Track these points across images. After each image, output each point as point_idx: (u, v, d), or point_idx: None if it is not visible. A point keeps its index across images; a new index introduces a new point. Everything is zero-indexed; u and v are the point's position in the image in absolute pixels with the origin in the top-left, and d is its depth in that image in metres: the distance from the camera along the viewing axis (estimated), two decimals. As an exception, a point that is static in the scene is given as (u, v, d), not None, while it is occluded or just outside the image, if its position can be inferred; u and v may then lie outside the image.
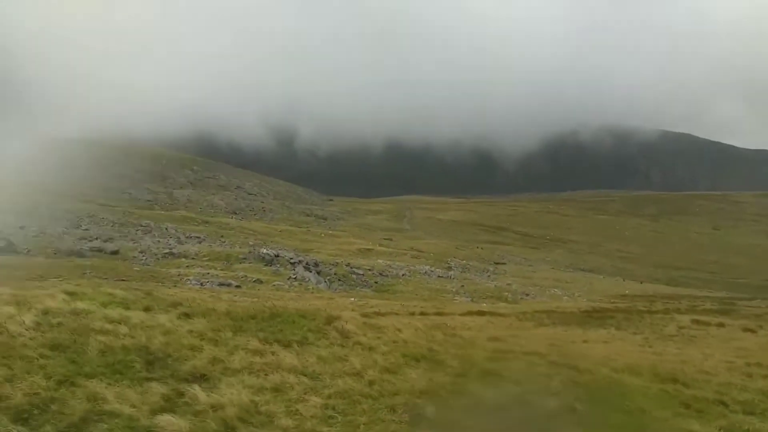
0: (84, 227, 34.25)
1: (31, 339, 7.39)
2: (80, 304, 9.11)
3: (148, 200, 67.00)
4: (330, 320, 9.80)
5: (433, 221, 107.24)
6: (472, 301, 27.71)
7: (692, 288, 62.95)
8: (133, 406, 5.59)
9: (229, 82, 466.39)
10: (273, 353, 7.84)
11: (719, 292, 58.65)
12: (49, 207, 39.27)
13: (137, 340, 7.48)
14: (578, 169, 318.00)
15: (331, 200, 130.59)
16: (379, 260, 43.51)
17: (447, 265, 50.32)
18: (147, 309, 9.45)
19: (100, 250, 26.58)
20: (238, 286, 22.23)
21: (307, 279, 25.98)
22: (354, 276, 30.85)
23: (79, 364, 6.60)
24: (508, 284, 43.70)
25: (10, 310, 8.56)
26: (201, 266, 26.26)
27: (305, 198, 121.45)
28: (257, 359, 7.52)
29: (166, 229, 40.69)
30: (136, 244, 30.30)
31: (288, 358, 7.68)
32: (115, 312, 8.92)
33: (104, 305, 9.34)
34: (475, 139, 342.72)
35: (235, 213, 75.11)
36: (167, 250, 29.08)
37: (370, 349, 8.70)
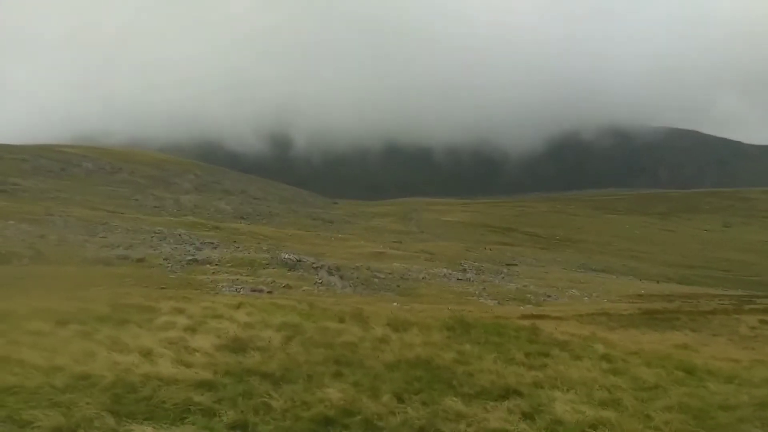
0: (101, 235, 33.79)
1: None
2: (280, 318, 9.70)
3: (155, 206, 66.43)
4: (535, 329, 10.54)
5: (440, 223, 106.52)
6: (498, 303, 27.10)
7: (706, 286, 62.20)
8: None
9: (221, 85, 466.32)
10: (546, 366, 8.24)
11: (735, 290, 57.91)
12: (60, 215, 38.74)
13: (412, 353, 7.83)
14: (583, 168, 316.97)
15: (336, 203, 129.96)
16: (394, 263, 42.94)
17: (461, 267, 49.72)
18: (341, 320, 10.00)
19: (125, 258, 26.20)
20: (269, 292, 21.77)
21: (332, 283, 25.48)
22: (376, 280, 30.33)
23: (377, 378, 6.97)
24: (525, 286, 43.07)
25: (232, 326, 9.19)
26: (227, 272, 25.84)
27: (310, 201, 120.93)
28: (537, 373, 7.79)
29: (180, 235, 40.16)
30: (157, 251, 29.87)
31: (572, 369, 8.04)
32: (331, 324, 9.52)
33: (306, 317, 9.93)
34: (476, 140, 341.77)
35: (243, 218, 74.51)
36: (190, 257, 28.65)
37: (623, 360, 9.04)
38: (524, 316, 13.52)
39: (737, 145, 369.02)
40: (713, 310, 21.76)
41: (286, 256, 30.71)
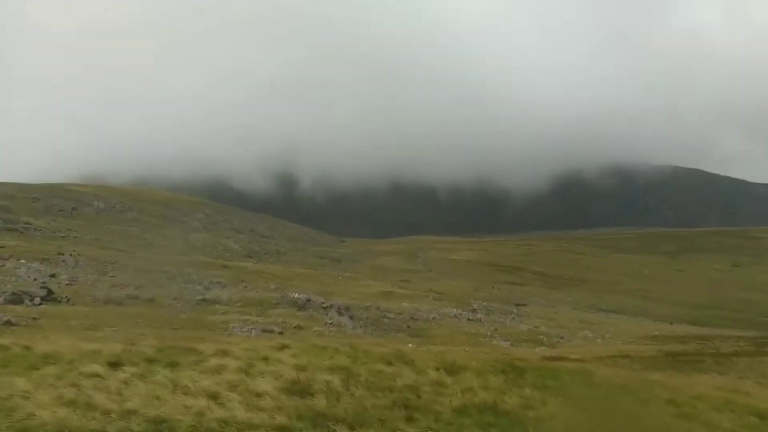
0: (111, 274, 33.85)
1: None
2: (328, 360, 9.95)
3: (164, 245, 66.53)
4: (589, 373, 10.72)
5: (447, 261, 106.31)
6: (511, 345, 26.84)
7: (719, 327, 61.52)
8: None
9: (227, 124, 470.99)
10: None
11: (748, 331, 57.25)
12: (71, 254, 38.88)
13: (477, 398, 7.93)
14: (587, 207, 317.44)
15: (343, 241, 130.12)
16: (403, 303, 42.71)
17: (471, 307, 49.42)
18: (389, 363, 10.16)
19: (136, 298, 26.19)
20: (280, 333, 21.66)
21: (343, 324, 25.34)
22: (386, 320, 30.15)
23: (451, 424, 7.10)
24: (536, 327, 42.70)
25: (285, 368, 9.38)
26: (237, 312, 25.77)
27: (317, 240, 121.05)
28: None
29: (189, 274, 40.17)
30: (166, 291, 29.84)
31: (643, 415, 8.39)
32: (382, 367, 9.71)
33: (353, 360, 10.19)
34: (479, 179, 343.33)
35: (250, 256, 74.56)
36: (200, 297, 28.60)
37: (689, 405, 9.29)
38: (545, 359, 13.38)
39: (741, 183, 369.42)
40: (735, 352, 21.48)
41: (296, 295, 30.64)
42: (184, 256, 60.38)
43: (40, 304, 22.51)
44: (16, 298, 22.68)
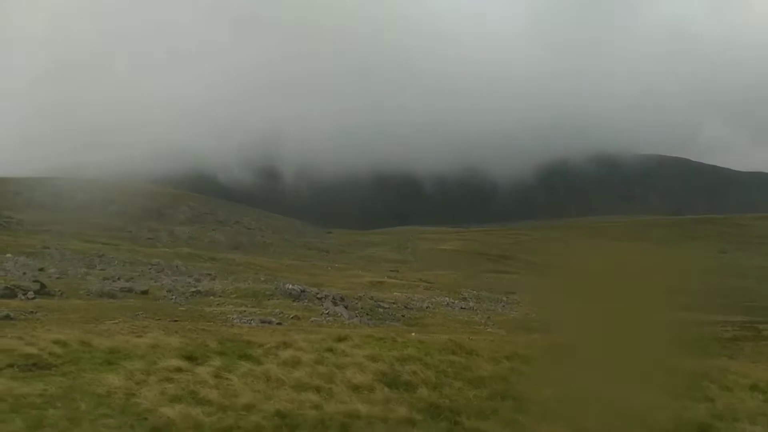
0: (99, 267, 33.24)
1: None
2: (396, 351, 10.05)
3: (150, 238, 65.76)
4: None
5: (436, 252, 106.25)
6: (507, 332, 26.58)
7: (708, 313, 61.88)
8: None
9: (208, 117, 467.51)
10: (708, 398, 8.76)
11: (737, 316, 57.64)
12: (57, 248, 38.10)
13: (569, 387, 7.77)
14: (573, 196, 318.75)
15: (330, 233, 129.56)
16: (395, 293, 42.43)
17: (462, 296, 49.28)
18: (454, 353, 10.31)
19: (129, 291, 25.58)
20: (279, 323, 21.22)
21: (339, 314, 24.94)
22: (380, 309, 29.81)
23: None
24: (526, 314, 42.60)
25: (358, 359, 9.61)
26: (232, 304, 25.29)
27: (303, 231, 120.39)
28: (707, 405, 8.11)
29: (177, 267, 39.62)
30: (158, 284, 29.31)
31: (734, 401, 8.65)
32: (452, 358, 9.87)
33: (419, 350, 10.24)
34: (465, 169, 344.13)
35: (237, 248, 73.90)
36: (193, 289, 28.07)
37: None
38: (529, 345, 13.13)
39: (725, 171, 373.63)
40: (735, 337, 21.47)
41: (290, 286, 30.21)
42: (170, 248, 59.64)
43: (33, 298, 21.94)
44: (9, 293, 22.11)
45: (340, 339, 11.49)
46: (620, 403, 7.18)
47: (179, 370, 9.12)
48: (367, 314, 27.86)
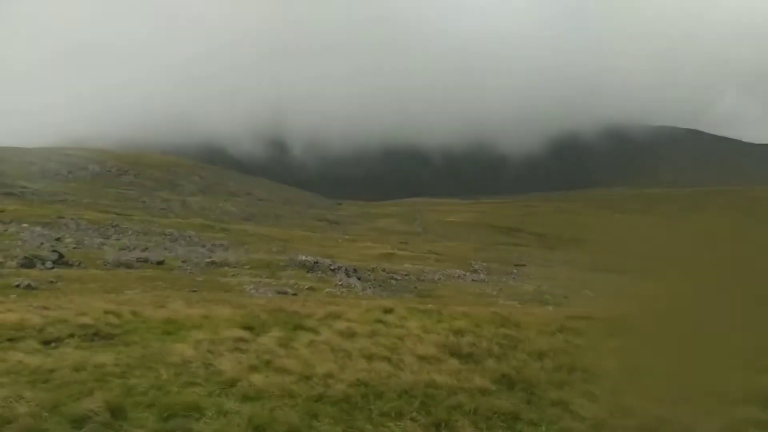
0: (115, 237, 33.60)
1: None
2: (446, 323, 10.16)
3: (162, 208, 66.15)
4: None
5: (445, 223, 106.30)
6: (520, 304, 26.77)
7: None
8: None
9: (218, 89, 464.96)
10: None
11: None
12: (72, 218, 38.48)
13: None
14: (584, 167, 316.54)
15: (340, 204, 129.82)
16: (406, 264, 42.67)
17: (472, 268, 49.44)
18: (502, 325, 10.44)
19: (146, 261, 25.95)
20: (294, 294, 21.52)
21: (352, 285, 25.23)
22: (393, 281, 30.09)
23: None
24: (539, 286, 42.84)
25: (412, 330, 9.69)
26: (247, 274, 25.60)
27: (314, 203, 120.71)
28: None
29: (190, 237, 39.97)
30: (173, 254, 29.61)
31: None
32: (504, 330, 9.98)
33: (467, 322, 10.41)
34: (475, 141, 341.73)
35: (248, 219, 74.27)
36: (208, 259, 28.39)
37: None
38: (570, 318, 13.17)
39: (737, 143, 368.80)
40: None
41: (303, 258, 30.50)
42: (183, 219, 60.07)
43: (52, 268, 22.38)
44: (28, 262, 22.59)
45: (387, 311, 11.66)
46: (693, 375, 7.25)
47: (243, 340, 9.23)
48: (380, 286, 28.12)
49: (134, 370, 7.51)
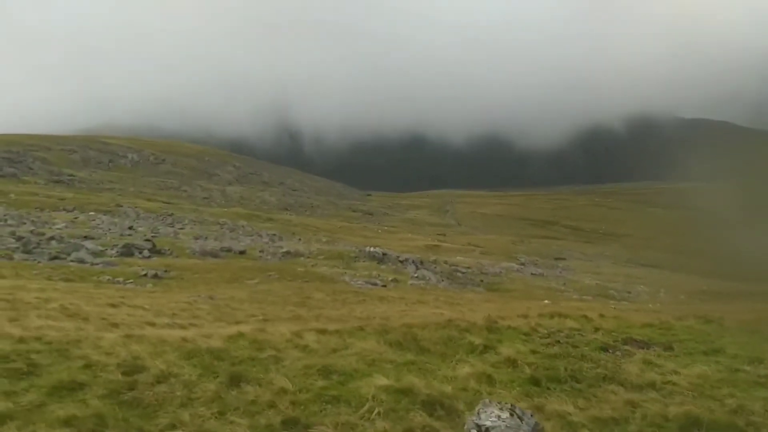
0: (178, 226, 33.64)
1: None
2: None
3: (205, 197, 66.51)
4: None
5: (477, 216, 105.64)
6: (593, 299, 26.36)
7: (754, 282, 60.65)
8: None
9: (227, 79, 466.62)
10: None
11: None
12: (130, 206, 38.69)
13: None
14: (612, 160, 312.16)
15: (369, 195, 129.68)
16: (458, 257, 42.35)
17: (519, 261, 48.97)
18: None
19: (229, 250, 25.99)
20: (384, 286, 21.33)
21: (428, 278, 24.98)
22: (459, 274, 29.80)
23: None
24: (597, 281, 42.33)
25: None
26: (325, 265, 25.45)
27: (345, 193, 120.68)
28: None
29: (244, 227, 39.95)
30: (242, 244, 29.55)
31: None
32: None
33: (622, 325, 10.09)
34: (501, 132, 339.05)
35: (287, 209, 74.41)
36: (283, 250, 28.31)
37: None
38: (697, 317, 12.59)
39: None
40: None
41: (372, 249, 30.29)
42: (225, 208, 60.29)
43: (149, 257, 22.62)
44: (127, 251, 22.97)
45: (552, 316, 11.07)
46: None
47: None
48: (448, 278, 27.84)
49: None
